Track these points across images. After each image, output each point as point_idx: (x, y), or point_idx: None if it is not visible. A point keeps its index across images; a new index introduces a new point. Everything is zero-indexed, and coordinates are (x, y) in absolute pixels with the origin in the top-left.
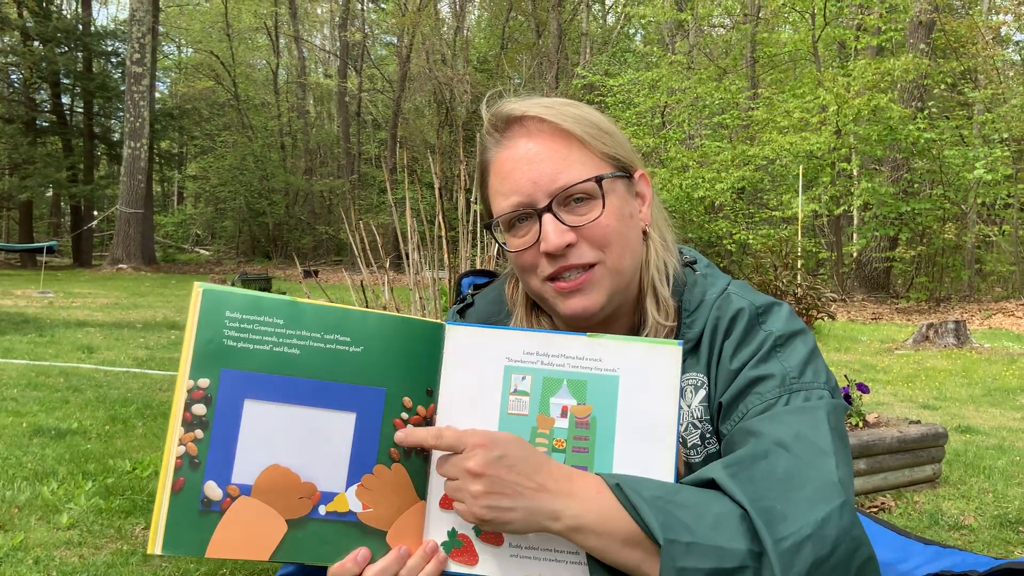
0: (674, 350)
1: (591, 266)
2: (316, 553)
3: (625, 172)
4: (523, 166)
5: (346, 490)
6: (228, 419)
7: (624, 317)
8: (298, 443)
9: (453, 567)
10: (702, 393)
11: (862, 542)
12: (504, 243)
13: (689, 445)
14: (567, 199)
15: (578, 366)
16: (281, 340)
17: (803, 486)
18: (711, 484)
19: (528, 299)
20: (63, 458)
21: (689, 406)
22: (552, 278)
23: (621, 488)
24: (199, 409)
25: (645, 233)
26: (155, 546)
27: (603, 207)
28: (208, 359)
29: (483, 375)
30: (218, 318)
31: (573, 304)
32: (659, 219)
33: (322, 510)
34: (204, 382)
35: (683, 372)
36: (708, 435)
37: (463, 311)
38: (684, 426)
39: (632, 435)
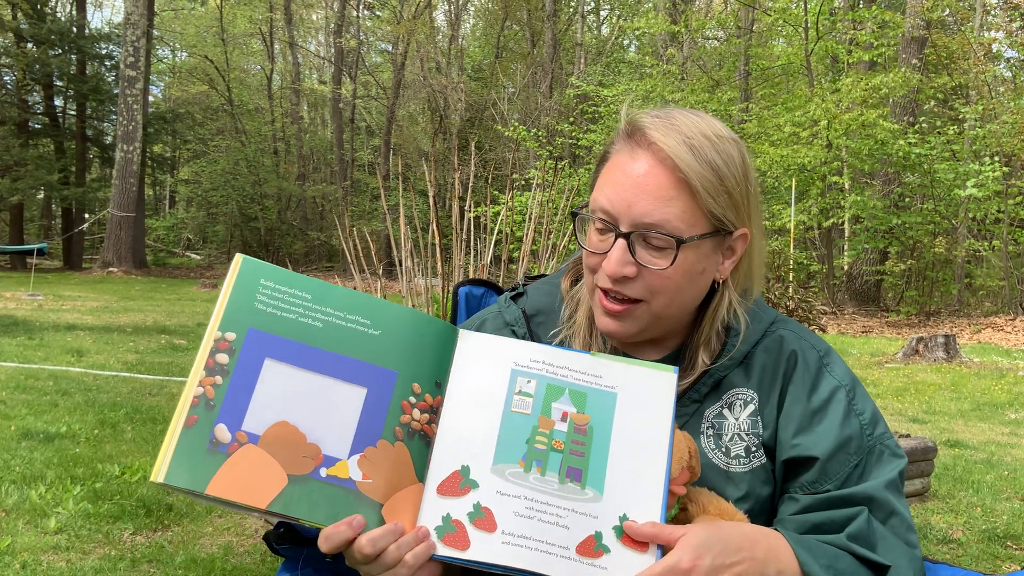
0: (670, 376)
1: (637, 301)
2: (311, 511)
3: (723, 231)
4: (630, 184)
5: (348, 458)
6: (248, 372)
7: (670, 340)
8: (309, 406)
9: (443, 551)
10: (751, 408)
11: None
12: (585, 234)
13: (732, 455)
14: (647, 237)
15: (580, 379)
16: (307, 312)
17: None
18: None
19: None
20: (51, 462)
21: (736, 419)
22: (603, 290)
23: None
24: (222, 358)
25: (722, 282)
26: (159, 474)
27: (672, 263)
28: (238, 316)
29: (491, 375)
30: (253, 283)
31: (607, 323)
32: (754, 274)
33: (323, 472)
34: (231, 336)
35: (733, 387)
36: (754, 448)
37: (516, 298)
38: (729, 436)
39: (626, 449)
